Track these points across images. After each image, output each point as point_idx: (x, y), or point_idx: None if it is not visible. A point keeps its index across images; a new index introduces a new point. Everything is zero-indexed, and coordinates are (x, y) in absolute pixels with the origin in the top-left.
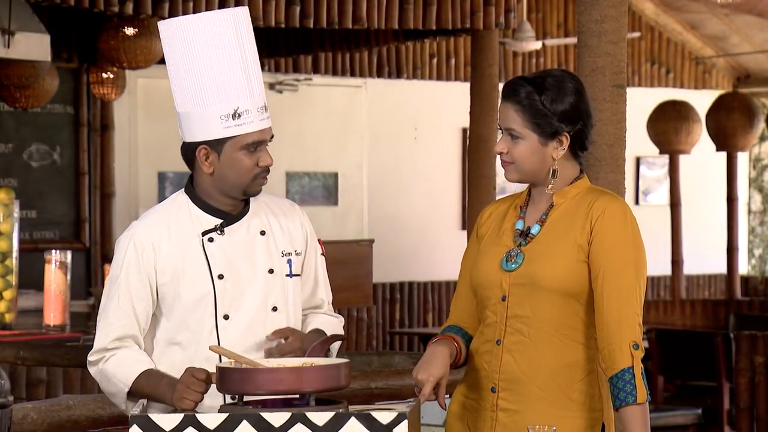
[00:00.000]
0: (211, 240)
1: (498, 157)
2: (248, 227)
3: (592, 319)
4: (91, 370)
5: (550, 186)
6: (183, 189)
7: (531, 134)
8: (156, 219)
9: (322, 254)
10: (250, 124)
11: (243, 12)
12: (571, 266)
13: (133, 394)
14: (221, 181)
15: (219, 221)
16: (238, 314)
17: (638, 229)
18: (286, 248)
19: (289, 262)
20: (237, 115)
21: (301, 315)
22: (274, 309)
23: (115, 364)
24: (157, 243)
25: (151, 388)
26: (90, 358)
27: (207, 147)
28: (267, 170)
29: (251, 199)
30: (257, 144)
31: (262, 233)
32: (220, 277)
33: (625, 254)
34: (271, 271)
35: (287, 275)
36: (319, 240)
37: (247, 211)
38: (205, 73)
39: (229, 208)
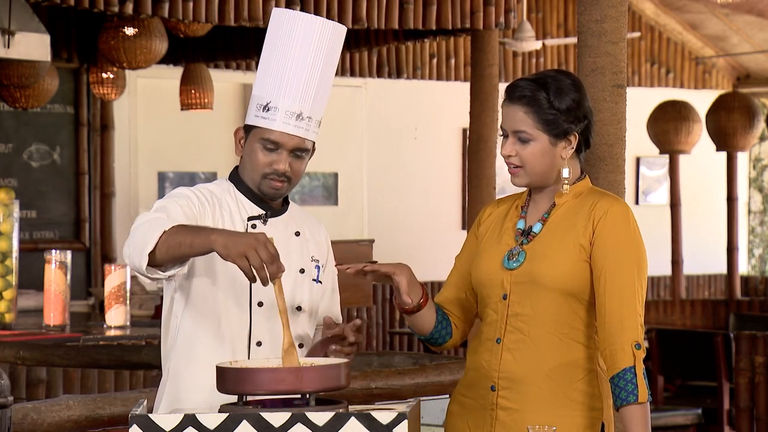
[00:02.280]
0: (254, 227)
1: (505, 160)
2: (286, 225)
3: (592, 318)
4: (131, 232)
5: (565, 186)
6: (227, 176)
7: (542, 135)
8: (207, 193)
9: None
10: (273, 122)
11: (327, 24)
12: (573, 265)
13: (167, 238)
14: (243, 167)
15: (263, 211)
16: (271, 305)
17: (639, 230)
18: (315, 255)
19: (317, 268)
20: (267, 108)
21: (314, 327)
22: (299, 308)
23: (162, 218)
24: (212, 208)
25: (193, 229)
26: (138, 219)
27: (243, 130)
28: (279, 174)
29: (290, 202)
30: (275, 144)
31: (297, 234)
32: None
33: (627, 255)
34: (302, 271)
35: (314, 279)
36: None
37: (286, 209)
38: (264, 62)
39: (270, 201)
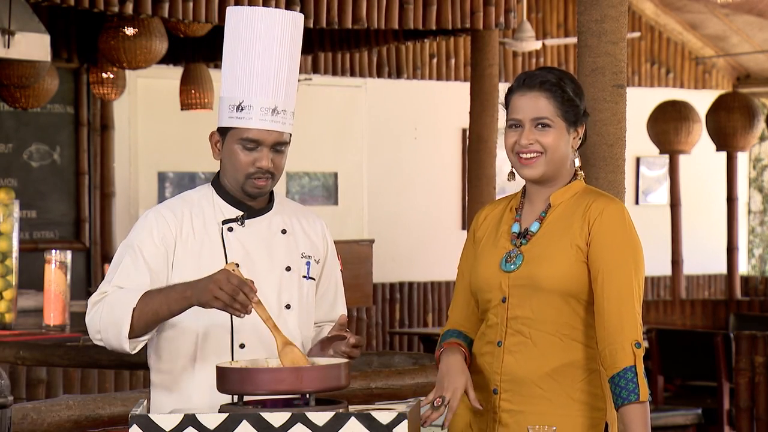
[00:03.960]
0: (230, 230)
1: (523, 149)
2: (270, 223)
3: (592, 318)
4: (90, 314)
5: (580, 173)
6: (210, 182)
7: (560, 122)
8: (180, 203)
9: (341, 270)
10: (249, 120)
11: (286, 15)
12: (571, 266)
13: (140, 313)
14: (224, 171)
15: (241, 213)
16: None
17: (635, 229)
18: (306, 251)
19: (308, 264)
20: (240, 107)
21: (314, 326)
22: (287, 307)
23: (122, 292)
24: (179, 222)
25: (162, 293)
26: (92, 299)
27: (218, 134)
28: (264, 172)
29: (275, 198)
30: (255, 143)
31: (283, 232)
32: (236, 266)
33: (623, 254)
34: (288, 269)
35: (304, 276)
36: (338, 256)
37: (271, 207)
38: (229, 63)
39: (250, 201)
